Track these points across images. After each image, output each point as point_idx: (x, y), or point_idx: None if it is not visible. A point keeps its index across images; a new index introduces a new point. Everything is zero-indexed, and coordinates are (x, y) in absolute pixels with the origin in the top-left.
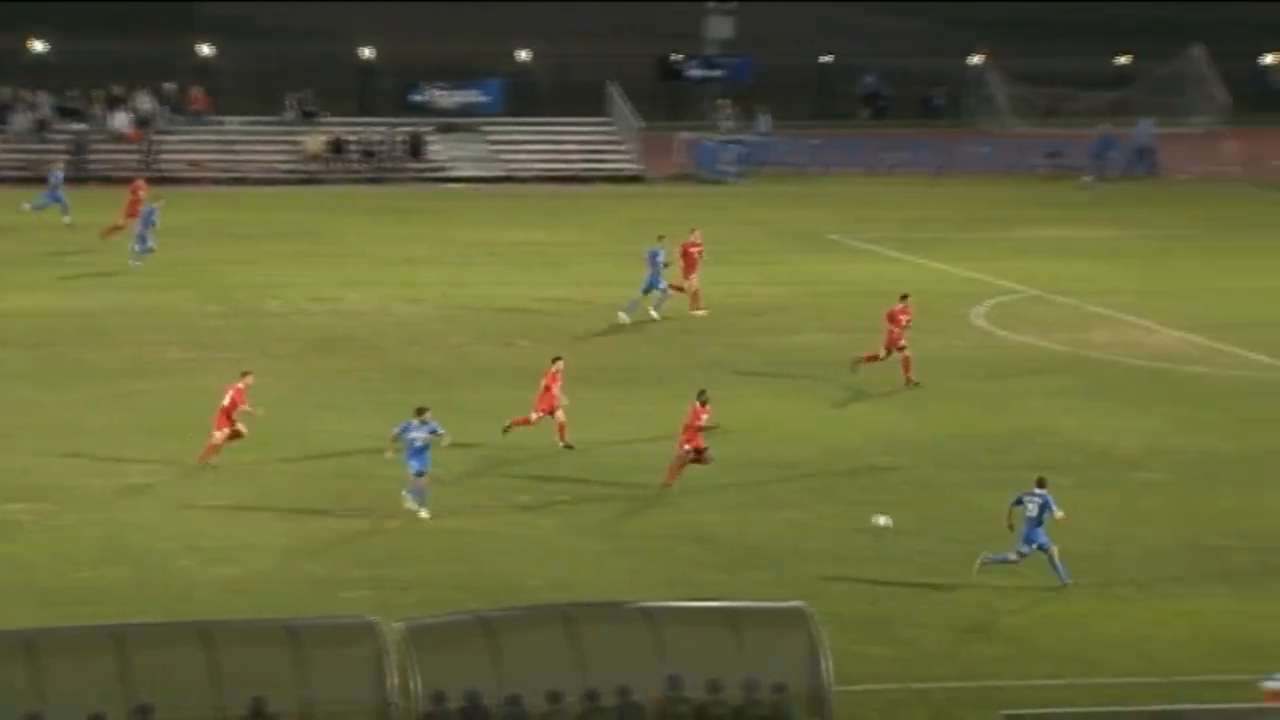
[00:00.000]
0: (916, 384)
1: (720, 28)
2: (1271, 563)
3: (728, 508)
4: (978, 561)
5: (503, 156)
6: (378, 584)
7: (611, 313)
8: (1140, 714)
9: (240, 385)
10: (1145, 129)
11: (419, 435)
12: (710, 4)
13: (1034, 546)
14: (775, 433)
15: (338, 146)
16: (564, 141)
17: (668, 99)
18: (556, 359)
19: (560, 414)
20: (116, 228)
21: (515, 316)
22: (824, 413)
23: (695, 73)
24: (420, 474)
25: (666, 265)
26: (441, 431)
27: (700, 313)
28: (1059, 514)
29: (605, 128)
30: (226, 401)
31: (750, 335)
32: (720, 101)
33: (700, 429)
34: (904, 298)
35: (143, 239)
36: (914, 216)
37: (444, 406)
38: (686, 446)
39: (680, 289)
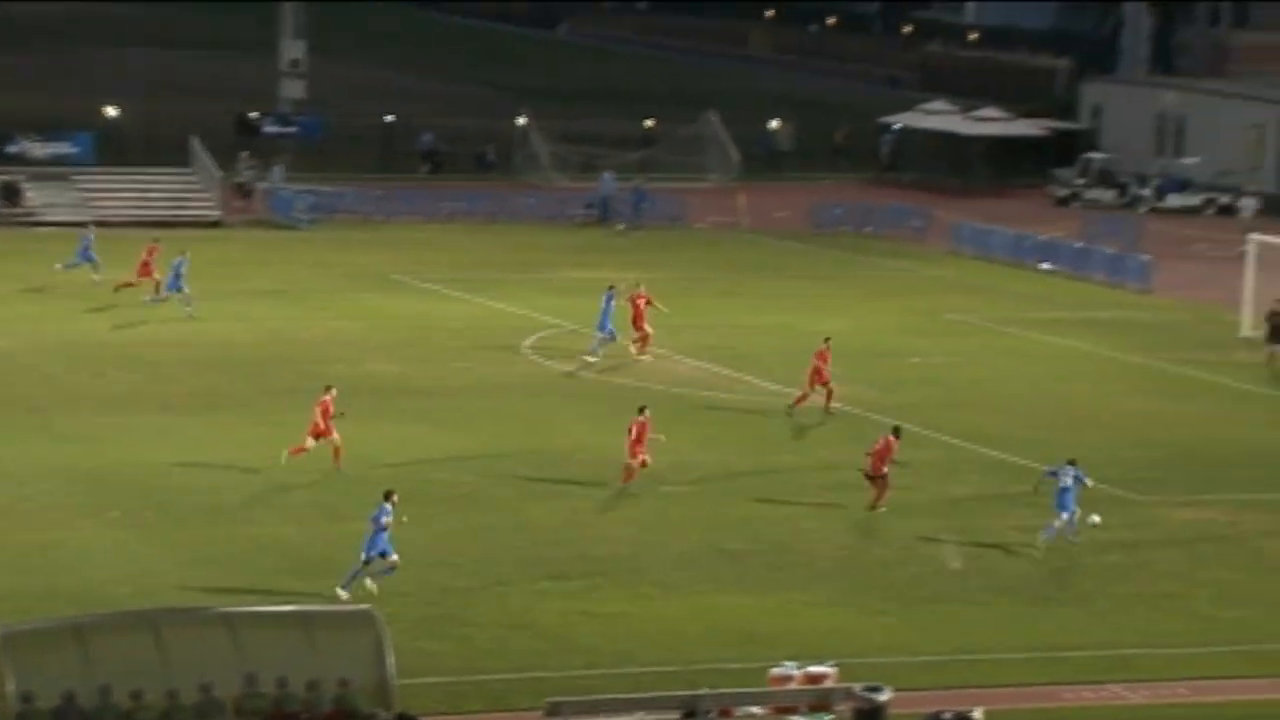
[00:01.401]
0: (833, 414)
1: (293, 89)
2: (779, 563)
3: (303, 521)
4: (1041, 540)
5: (93, 203)
6: None
7: (188, 343)
8: (665, 698)
9: (327, 398)
10: (609, 181)
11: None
12: (285, 68)
13: (1068, 513)
14: (344, 452)
15: None
16: (151, 189)
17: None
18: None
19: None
20: (129, 284)
21: (102, 348)
22: (389, 433)
23: (271, 129)
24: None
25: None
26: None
27: (646, 357)
28: (1089, 483)
29: (188, 177)
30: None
31: (321, 365)
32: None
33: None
34: (826, 340)
35: (174, 286)
36: (470, 259)
37: (38, 430)
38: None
39: (643, 336)
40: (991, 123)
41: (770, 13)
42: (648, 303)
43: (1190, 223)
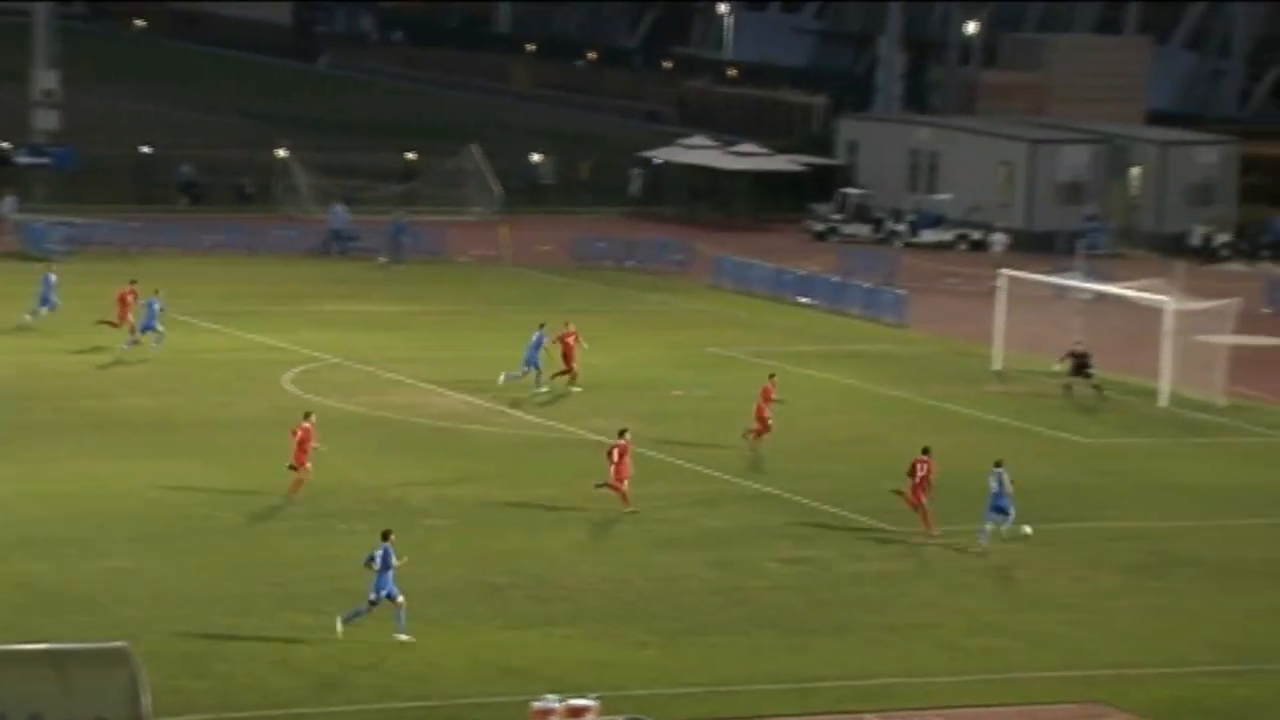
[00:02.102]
0: (754, 449)
1: (46, 120)
2: (541, 596)
3: (55, 558)
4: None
5: None
6: None
7: None
8: None
9: (307, 424)
10: (340, 214)
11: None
12: (37, 98)
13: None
14: (101, 488)
15: None
16: None
17: None
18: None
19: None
20: (110, 322)
21: None
22: (146, 468)
23: (23, 159)
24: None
25: (540, 347)
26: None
27: (577, 389)
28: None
29: None
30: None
31: (74, 399)
32: None
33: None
34: (771, 376)
35: (146, 328)
36: (229, 292)
37: None
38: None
39: (567, 371)
40: (751, 158)
41: (531, 47)
42: (575, 340)
43: (943, 257)
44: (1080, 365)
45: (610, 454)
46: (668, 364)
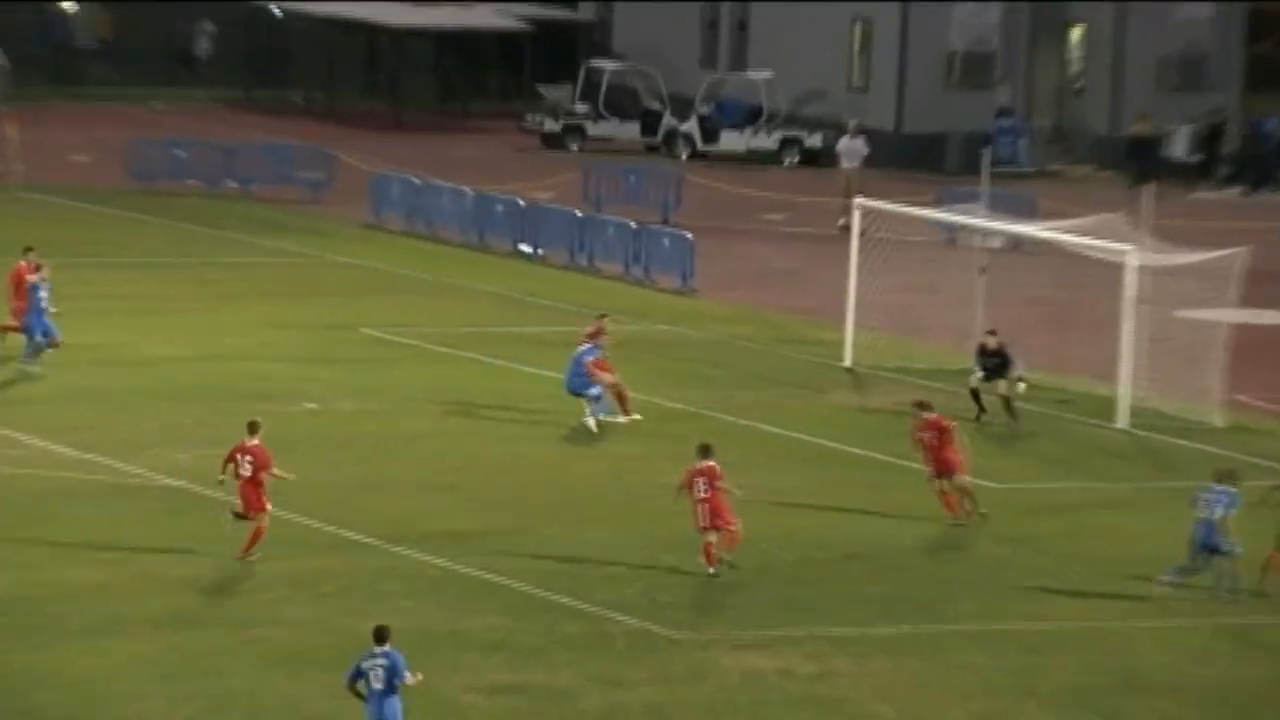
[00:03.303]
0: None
1: None
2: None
3: None
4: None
5: None
6: None
7: None
8: None
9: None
10: None
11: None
12: None
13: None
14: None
15: None
16: None
17: None
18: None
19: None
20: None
21: None
22: None
23: None
24: None
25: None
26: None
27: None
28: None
29: None
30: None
31: None
32: None
33: None
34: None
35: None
36: None
37: None
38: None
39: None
40: (435, 6)
41: None
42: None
43: (758, 177)
44: (996, 365)
45: (692, 486)
46: (293, 357)
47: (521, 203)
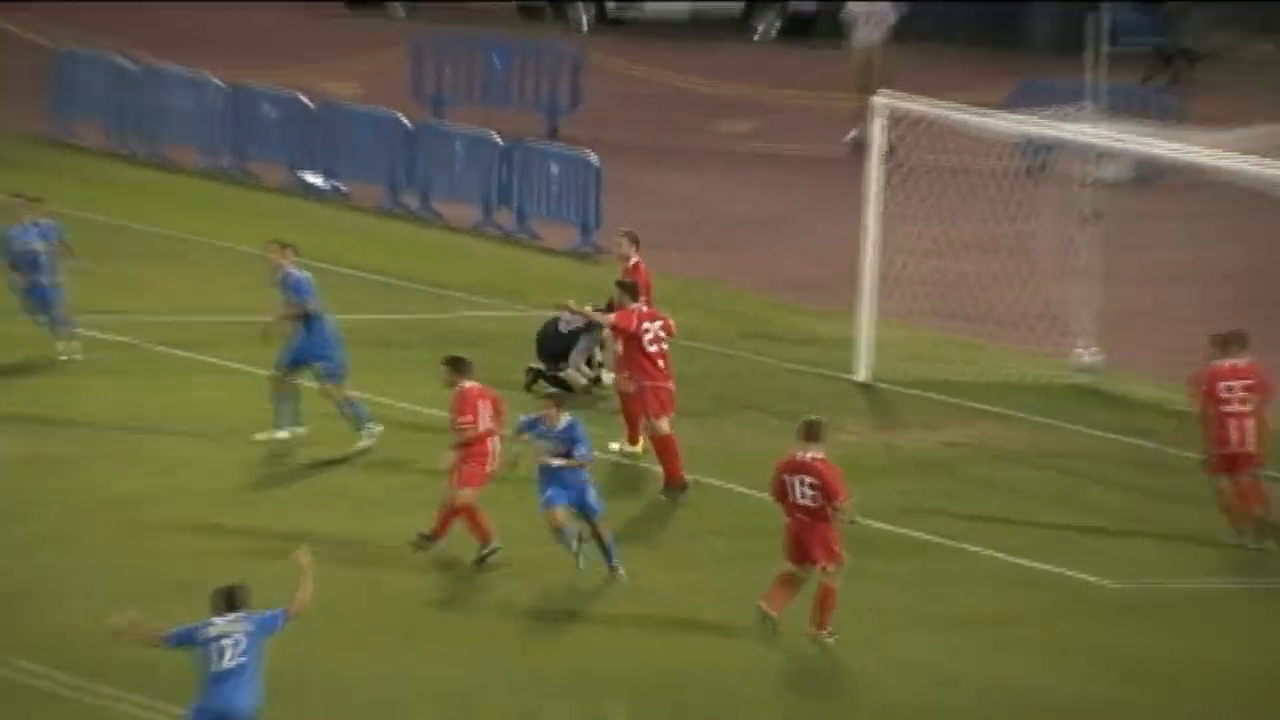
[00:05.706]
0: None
1: None
2: None
3: None
4: None
5: None
6: None
7: None
8: None
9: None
10: None
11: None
12: None
13: None
14: None
15: None
16: None
17: None
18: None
19: None
20: None
21: None
22: None
23: None
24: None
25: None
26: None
27: None
28: None
29: None
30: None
31: None
32: None
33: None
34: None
35: None
36: None
37: None
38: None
39: None
40: None
41: None
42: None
43: (714, 58)
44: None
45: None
46: None
47: (309, 102)
